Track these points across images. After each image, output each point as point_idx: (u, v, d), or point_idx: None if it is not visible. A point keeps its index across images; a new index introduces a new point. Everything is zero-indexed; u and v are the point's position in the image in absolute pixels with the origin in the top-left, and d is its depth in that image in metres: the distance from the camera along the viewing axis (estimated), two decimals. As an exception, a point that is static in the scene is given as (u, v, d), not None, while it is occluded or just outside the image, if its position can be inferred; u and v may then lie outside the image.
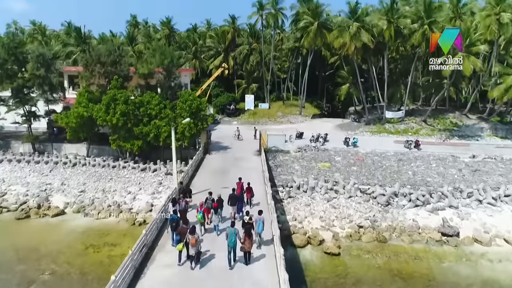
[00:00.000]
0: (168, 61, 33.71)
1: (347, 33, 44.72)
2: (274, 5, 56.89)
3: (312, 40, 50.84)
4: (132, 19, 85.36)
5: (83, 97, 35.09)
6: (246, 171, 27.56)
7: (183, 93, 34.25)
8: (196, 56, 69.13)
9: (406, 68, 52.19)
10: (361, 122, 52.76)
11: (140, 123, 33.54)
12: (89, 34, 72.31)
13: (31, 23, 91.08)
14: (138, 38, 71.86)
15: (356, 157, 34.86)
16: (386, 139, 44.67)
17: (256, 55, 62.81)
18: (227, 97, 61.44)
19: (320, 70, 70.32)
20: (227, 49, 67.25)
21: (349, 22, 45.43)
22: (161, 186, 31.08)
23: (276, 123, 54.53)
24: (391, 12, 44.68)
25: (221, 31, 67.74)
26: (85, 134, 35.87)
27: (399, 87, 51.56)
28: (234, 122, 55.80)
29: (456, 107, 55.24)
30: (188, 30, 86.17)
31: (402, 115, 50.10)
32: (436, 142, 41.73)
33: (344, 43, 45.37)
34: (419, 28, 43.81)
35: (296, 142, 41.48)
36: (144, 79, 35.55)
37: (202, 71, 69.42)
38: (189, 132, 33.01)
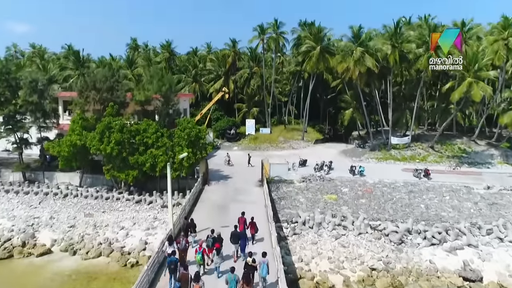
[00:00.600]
0: (166, 87, 32.31)
1: (351, 58, 43.63)
2: (275, 29, 56.23)
3: (315, 64, 49.80)
4: (132, 42, 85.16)
5: (77, 124, 33.53)
6: (248, 206, 25.58)
7: (181, 120, 32.68)
8: (196, 79, 68.24)
9: (410, 93, 50.90)
10: (365, 148, 51.05)
11: (135, 152, 31.79)
12: (88, 57, 71.92)
13: (30, 46, 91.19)
14: (137, 61, 71.18)
15: (364, 189, 32.93)
16: (393, 166, 42.85)
17: (257, 79, 61.81)
18: (227, 121, 60.01)
19: (322, 93, 69.19)
20: (228, 72, 66.37)
21: (352, 46, 44.41)
22: (157, 220, 29.00)
23: (277, 148, 52.82)
24: (395, 37, 43.77)
25: (221, 55, 67.09)
26: (78, 163, 34.08)
27: (404, 111, 50.11)
28: (235, 147, 54.10)
29: (463, 132, 53.70)
30: (188, 53, 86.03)
31: (408, 141, 48.45)
32: (446, 171, 39.88)
33: (347, 68, 44.21)
34: (424, 53, 42.77)
35: (299, 170, 39.63)
36: (141, 106, 34.06)
37: (202, 94, 68.41)
38: (187, 162, 31.25)
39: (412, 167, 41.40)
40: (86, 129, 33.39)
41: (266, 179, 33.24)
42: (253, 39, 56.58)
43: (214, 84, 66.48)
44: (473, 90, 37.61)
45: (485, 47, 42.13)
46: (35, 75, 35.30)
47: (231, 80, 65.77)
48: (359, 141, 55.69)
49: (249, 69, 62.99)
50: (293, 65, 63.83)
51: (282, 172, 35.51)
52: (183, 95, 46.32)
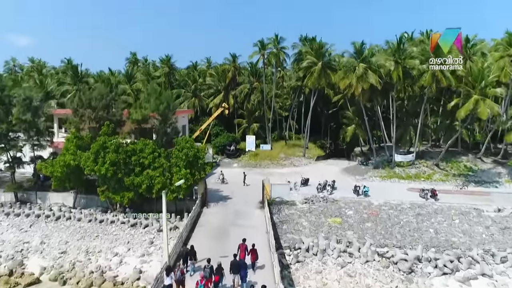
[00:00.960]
0: (164, 106, 31.25)
1: (353, 74, 42.77)
2: (276, 44, 55.58)
3: (316, 80, 48.96)
4: (131, 57, 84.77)
5: (71, 143, 32.40)
6: (249, 231, 24.27)
7: (179, 140, 31.51)
8: (196, 94, 67.42)
9: (414, 109, 49.93)
10: (369, 166, 49.78)
11: (131, 173, 30.56)
12: (87, 72, 71.33)
13: (29, 60, 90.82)
14: (136, 76, 70.52)
15: (369, 211, 31.57)
16: (397, 185, 41.54)
17: (258, 94, 60.96)
18: (227, 137, 58.91)
19: (323, 108, 68.31)
20: (228, 87, 65.60)
21: (354, 62, 43.59)
22: (152, 246, 27.59)
23: (278, 166, 51.54)
24: (398, 53, 42.99)
25: (221, 69, 66.35)
26: (72, 183, 32.84)
27: (407, 128, 49.00)
28: (235, 164, 52.86)
29: (468, 149, 52.51)
30: (188, 68, 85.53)
31: (412, 158, 47.23)
32: (453, 191, 38.55)
33: (350, 84, 43.32)
34: (428, 69, 41.91)
35: (301, 189, 38.33)
36: (138, 125, 32.96)
37: (201, 109, 67.48)
38: (185, 183, 29.94)
39: (417, 186, 40.11)
40: (81, 148, 32.24)
41: (267, 200, 31.92)
42: (254, 55, 55.95)
43: (214, 99, 65.65)
44: (479, 108, 36.58)
45: (490, 64, 41.30)
46: (29, 92, 34.27)
47: (231, 95, 64.97)
48: (361, 158, 54.46)
49: (249, 84, 62.21)
50: (294, 80, 63.09)
51: (284, 193, 34.20)
52: (182, 112, 45.31)
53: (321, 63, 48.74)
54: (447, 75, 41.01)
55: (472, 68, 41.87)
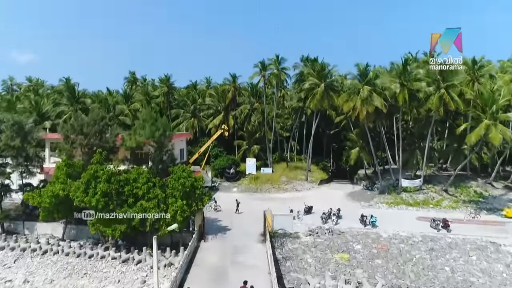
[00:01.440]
0: (159, 132, 29.55)
1: (357, 96, 41.32)
2: (277, 65, 54.42)
3: (319, 102, 47.54)
4: (130, 76, 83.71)
5: (61, 171, 30.56)
6: (250, 271, 22.22)
7: (175, 168, 29.64)
8: (195, 114, 65.98)
9: (420, 132, 48.32)
10: (374, 190, 47.85)
11: (124, 204, 28.60)
12: (84, 92, 70.09)
13: (27, 80, 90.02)
14: (135, 96, 69.31)
15: (379, 246, 29.45)
16: (406, 213, 39.53)
17: (258, 115, 59.45)
18: (227, 159, 57.09)
19: (325, 128, 66.79)
20: (227, 108, 64.20)
21: (358, 85, 42.22)
22: (145, 286, 25.37)
23: (280, 190, 49.54)
24: (404, 75, 41.68)
25: (221, 90, 65.05)
26: (61, 214, 30.84)
27: (414, 152, 47.25)
28: (234, 189, 50.86)
29: (476, 172, 50.66)
30: (187, 87, 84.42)
31: (420, 183, 45.33)
32: (465, 220, 36.47)
33: (354, 107, 41.81)
34: (435, 92, 40.53)
35: (305, 218, 36.29)
36: (132, 152, 31.20)
37: (201, 130, 65.92)
38: (181, 215, 27.99)
39: (427, 214, 38.15)
40: (72, 177, 30.37)
41: (269, 233, 29.86)
42: (254, 76, 54.80)
43: (214, 119, 64.17)
44: (491, 133, 34.93)
45: (499, 86, 39.89)
46: (18, 117, 32.62)
47: (231, 116, 63.50)
48: (366, 181, 52.60)
49: (250, 104, 60.79)
50: (295, 100, 61.70)
51: (287, 224, 32.11)
52: (180, 135, 43.69)
53: (323, 84, 47.39)
54: (455, 98, 39.62)
55: (481, 91, 40.49)
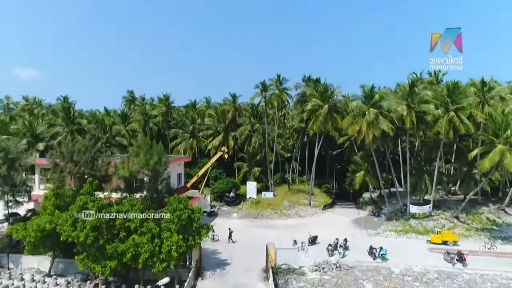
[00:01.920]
0: (154, 160, 27.64)
1: (363, 119, 39.60)
2: (278, 85, 53.02)
3: (322, 124, 45.81)
4: (128, 95, 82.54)
5: (49, 201, 28.48)
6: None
7: (171, 199, 27.57)
8: (194, 134, 64.29)
9: (428, 156, 46.46)
10: (381, 217, 45.61)
11: (115, 238, 26.39)
12: (80, 112, 68.71)
13: (23, 99, 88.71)
14: (133, 115, 67.81)
15: (391, 284, 27.13)
16: (416, 243, 37.28)
17: (259, 137, 57.72)
18: (227, 182, 54.96)
19: (328, 149, 65.06)
20: (227, 128, 62.49)
21: (364, 107, 40.55)
22: (135, 333, 22.99)
23: (282, 216, 47.28)
24: (410, 97, 40.08)
25: (221, 110, 63.47)
26: (48, 248, 28.63)
27: (422, 176, 45.19)
28: (234, 214, 48.61)
29: (487, 196, 48.51)
30: (187, 106, 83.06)
31: (429, 210, 43.17)
32: (480, 252, 34.19)
33: (360, 131, 40.04)
34: (444, 115, 38.87)
35: (310, 250, 34.03)
36: (125, 182, 29.20)
37: (200, 151, 64.17)
38: (176, 251, 25.81)
39: (440, 246, 35.80)
40: (61, 208, 28.29)
41: (272, 269, 27.60)
42: (255, 96, 53.21)
43: (213, 140, 62.39)
44: (506, 160, 32.96)
45: (511, 109, 38.23)
46: (5, 143, 30.76)
47: (231, 137, 61.74)
48: (372, 206, 50.45)
49: (250, 125, 59.08)
50: (297, 121, 60.12)
51: (291, 258, 29.81)
52: (177, 160, 41.76)
53: (327, 106, 45.78)
54: (465, 121, 38.00)
55: (491, 114, 38.81)
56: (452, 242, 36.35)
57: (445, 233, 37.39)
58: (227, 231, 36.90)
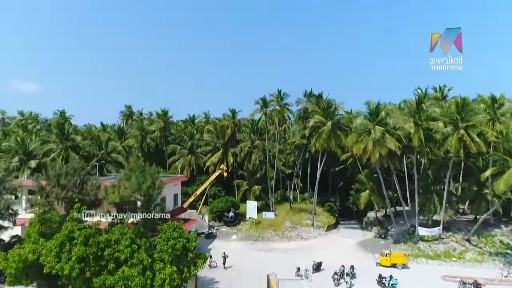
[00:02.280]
0: (147, 184, 25.68)
1: (369, 137, 37.76)
2: (279, 100, 51.43)
3: (325, 142, 43.95)
4: (126, 109, 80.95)
5: (34, 228, 26.41)
6: None
7: (165, 227, 25.48)
8: (193, 150, 62.39)
9: (436, 175, 44.49)
10: (387, 239, 43.39)
11: (103, 270, 24.24)
12: (75, 128, 67.01)
13: (19, 114, 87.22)
14: (129, 131, 66.11)
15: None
16: (427, 269, 35.06)
17: (259, 153, 55.77)
18: (226, 201, 52.78)
19: (330, 165, 63.07)
20: (227, 144, 60.63)
21: (369, 124, 38.79)
22: None
23: (284, 238, 45.00)
24: (418, 114, 38.35)
25: (220, 125, 61.71)
26: (31, 281, 26.40)
27: (430, 196, 43.13)
28: (233, 236, 46.36)
29: (498, 215, 46.25)
30: (185, 121, 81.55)
31: (439, 232, 40.97)
32: (497, 280, 31.97)
33: (365, 149, 38.17)
34: (453, 133, 37.07)
35: (314, 278, 31.77)
36: (116, 207, 27.16)
37: (198, 167, 62.20)
38: (170, 284, 23.63)
39: (451, 271, 33.75)
40: (46, 235, 26.20)
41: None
42: (255, 113, 51.61)
43: (212, 157, 60.41)
44: (522, 180, 31.04)
45: (524, 127, 36.48)
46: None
47: (230, 153, 59.86)
48: (377, 227, 48.24)
49: (250, 142, 57.22)
50: (298, 137, 58.31)
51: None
52: (173, 180, 39.77)
53: (330, 123, 43.96)
54: (476, 139, 36.13)
55: (503, 131, 37.07)
56: (401, 265, 35.11)
57: (394, 254, 36.07)
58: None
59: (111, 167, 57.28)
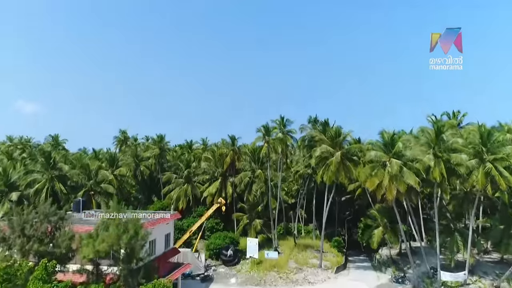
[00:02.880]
0: (128, 236, 21.46)
1: (384, 172, 33.73)
2: (282, 128, 47.75)
3: (334, 174, 39.85)
4: (121, 134, 77.17)
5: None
6: None
7: (149, 286, 21.07)
8: (189, 180, 58.20)
9: (458, 211, 40.24)
10: (405, 284, 38.63)
11: None
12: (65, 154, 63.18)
13: (7, 139, 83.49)
14: (122, 158, 62.20)
15: None
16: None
17: (261, 184, 51.50)
18: (224, 237, 48.02)
19: (336, 195, 58.69)
20: (225, 173, 56.55)
21: (384, 157, 34.82)
22: None
23: (289, 282, 40.09)
24: (438, 145, 34.47)
25: (218, 153, 57.68)
26: None
27: (452, 234, 38.69)
28: (232, 279, 41.54)
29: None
30: (182, 146, 77.67)
31: (465, 277, 36.34)
32: None
33: (380, 184, 34.08)
34: (478, 166, 33.07)
35: None
36: (91, 261, 22.82)
37: (195, 198, 57.66)
38: None
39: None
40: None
41: None
42: (256, 141, 47.70)
43: (210, 187, 56.16)
44: None
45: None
46: None
47: (229, 183, 55.67)
48: (392, 268, 43.49)
49: (251, 172, 53.04)
50: (302, 166, 54.23)
51: None
52: (165, 220, 35.34)
53: (339, 154, 39.91)
54: (505, 174, 32.10)
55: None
56: None
57: None
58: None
59: (100, 199, 53.15)
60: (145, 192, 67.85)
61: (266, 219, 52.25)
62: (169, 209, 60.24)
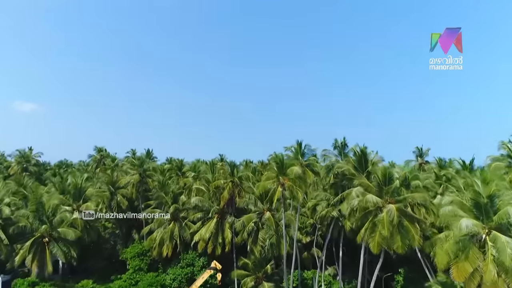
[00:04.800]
0: None
1: (482, 254, 20.41)
2: (299, 158, 34.89)
3: (385, 241, 26.41)
4: (97, 153, 63.75)
5: None
6: None
7: None
8: (176, 217, 45.07)
9: None
10: None
11: None
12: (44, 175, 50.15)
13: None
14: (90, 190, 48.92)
15: None
16: None
17: (270, 233, 38.15)
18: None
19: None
20: (222, 211, 43.36)
21: (480, 228, 21.43)
22: None
23: None
24: None
25: (214, 185, 44.05)
26: None
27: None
28: None
29: None
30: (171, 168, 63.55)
31: None
32: None
33: (475, 272, 20.76)
34: None
35: None
36: None
37: (182, 241, 44.34)
38: None
39: None
40: None
41: None
42: (267, 184, 34.29)
43: (202, 228, 42.85)
44: None
45: None
46: None
47: (227, 224, 42.47)
48: None
49: (257, 214, 39.63)
50: (324, 204, 40.82)
51: None
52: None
53: (394, 207, 26.43)
54: None
55: None
56: None
57: None
58: None
59: (56, 248, 40.28)
60: (123, 227, 54.43)
61: (277, 277, 39.12)
62: (150, 254, 47.75)
